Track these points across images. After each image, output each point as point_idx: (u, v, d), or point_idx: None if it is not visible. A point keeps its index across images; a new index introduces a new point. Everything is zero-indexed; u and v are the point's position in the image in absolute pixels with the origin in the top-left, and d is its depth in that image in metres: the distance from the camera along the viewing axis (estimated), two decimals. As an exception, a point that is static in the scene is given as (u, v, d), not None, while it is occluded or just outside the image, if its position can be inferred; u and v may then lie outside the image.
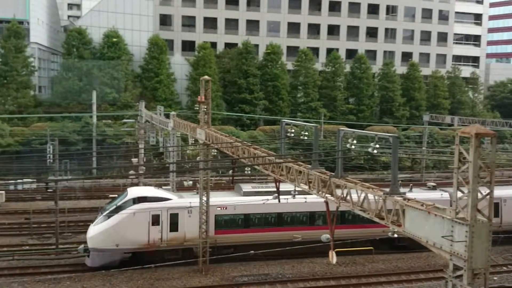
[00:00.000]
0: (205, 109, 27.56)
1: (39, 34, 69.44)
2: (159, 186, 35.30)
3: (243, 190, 30.90)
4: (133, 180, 47.58)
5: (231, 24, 79.90)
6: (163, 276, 27.19)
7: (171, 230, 28.46)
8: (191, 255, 28.60)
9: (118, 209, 28.01)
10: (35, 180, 44.26)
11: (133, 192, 29.61)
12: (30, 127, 54.22)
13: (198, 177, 30.64)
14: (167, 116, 39.22)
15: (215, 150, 29.16)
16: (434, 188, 34.23)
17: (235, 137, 30.71)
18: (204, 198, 27.82)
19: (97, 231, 27.66)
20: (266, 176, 32.56)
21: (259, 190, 30.60)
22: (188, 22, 79.03)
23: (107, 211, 28.23)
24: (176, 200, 29.47)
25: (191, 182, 47.83)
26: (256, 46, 76.08)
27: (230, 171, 47.76)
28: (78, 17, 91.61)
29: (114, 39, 65.28)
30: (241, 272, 28.44)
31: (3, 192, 39.97)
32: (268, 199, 26.70)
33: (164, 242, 28.36)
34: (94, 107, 51.56)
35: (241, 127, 65.79)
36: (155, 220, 28.17)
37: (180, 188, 43.21)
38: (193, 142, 34.25)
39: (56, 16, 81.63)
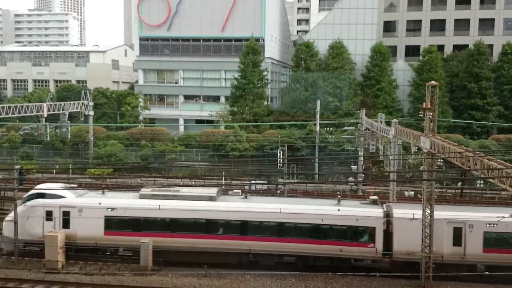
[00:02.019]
0: (430, 116, 26.35)
1: (272, 49, 76.53)
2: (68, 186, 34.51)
3: None
4: (352, 186, 48.35)
5: (461, 25, 74.36)
6: (382, 287, 26.93)
7: (63, 227, 29.58)
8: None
9: (22, 202, 30.25)
10: (266, 181, 48.73)
11: (37, 188, 31.73)
12: (263, 134, 59.94)
13: (420, 188, 29.39)
14: (388, 123, 38.71)
15: (441, 160, 27.57)
16: (374, 202, 29.76)
17: (464, 147, 28.49)
18: (428, 211, 26.55)
19: (5, 221, 30.20)
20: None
21: None
22: (413, 27, 76.63)
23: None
24: (70, 199, 29.92)
25: (412, 193, 46.20)
26: (490, 46, 69.10)
27: (459, 183, 44.38)
28: (306, 32, 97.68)
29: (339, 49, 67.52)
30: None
31: (239, 191, 44.92)
32: None
33: None
34: (318, 116, 54.17)
35: (470, 136, 60.41)
36: (49, 216, 29.54)
37: (401, 198, 42.14)
38: (416, 150, 33.05)
39: (287, 32, 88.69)
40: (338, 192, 39.71)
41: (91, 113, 58.67)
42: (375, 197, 31.01)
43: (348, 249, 28.30)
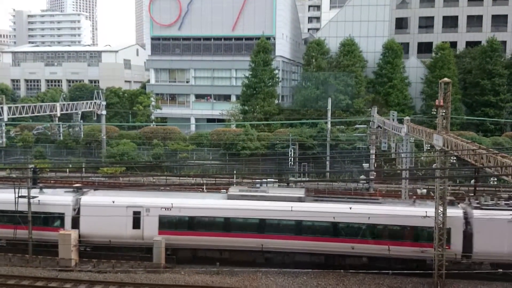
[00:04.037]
0: (443, 114, 26.13)
1: (283, 47, 76.42)
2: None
3: None
4: (364, 184, 48.11)
5: (474, 21, 73.67)
6: (395, 284, 26.83)
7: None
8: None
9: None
10: (277, 180, 48.75)
11: None
12: (274, 132, 59.92)
13: (433, 186, 29.16)
14: (400, 121, 38.47)
15: (454, 158, 27.34)
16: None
17: (478, 144, 28.21)
18: (441, 209, 26.35)
19: None
20: None
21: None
22: (426, 23, 76.08)
23: None
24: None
25: (424, 191, 45.86)
26: (503, 43, 68.35)
27: (472, 181, 43.96)
28: (317, 29, 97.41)
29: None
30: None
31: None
32: None
33: None
34: (329, 114, 53.99)
35: (483, 133, 59.82)
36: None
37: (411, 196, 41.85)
38: (429, 148, 32.79)
39: (297, 30, 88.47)
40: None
41: (104, 112, 59.12)
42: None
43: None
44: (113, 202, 29.49)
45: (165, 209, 29.32)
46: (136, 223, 29.47)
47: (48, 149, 61.25)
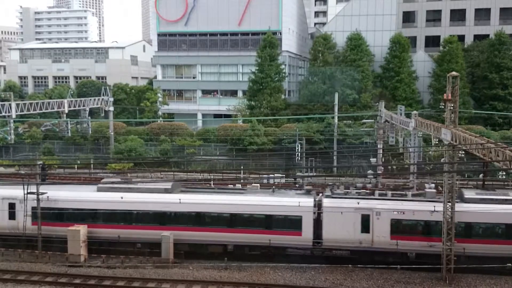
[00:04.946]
0: (451, 108, 25.99)
1: (289, 42, 76.23)
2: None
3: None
4: (371, 179, 47.92)
5: (482, 14, 73.05)
6: (403, 279, 26.80)
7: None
8: None
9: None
10: (284, 175, 48.73)
11: None
12: (281, 128, 59.89)
13: (441, 180, 29.06)
14: (408, 115, 38.29)
15: (462, 152, 27.20)
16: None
17: (486, 138, 28.05)
18: (449, 204, 26.25)
19: None
20: None
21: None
22: (433, 17, 75.53)
23: None
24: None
25: (433, 185, 45.64)
26: (511, 36, 67.68)
27: (480, 175, 43.69)
28: (324, 24, 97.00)
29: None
30: (491, 287, 25.90)
31: (258, 185, 45.14)
32: None
33: None
34: (336, 108, 53.84)
35: (492, 127, 59.41)
36: None
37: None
38: (437, 142, 32.62)
39: (304, 24, 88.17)
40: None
41: (111, 108, 59.31)
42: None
43: None
44: None
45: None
46: (12, 215, 30.59)
47: (56, 146, 61.63)
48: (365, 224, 28.20)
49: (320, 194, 30.25)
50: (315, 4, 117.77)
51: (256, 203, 29.29)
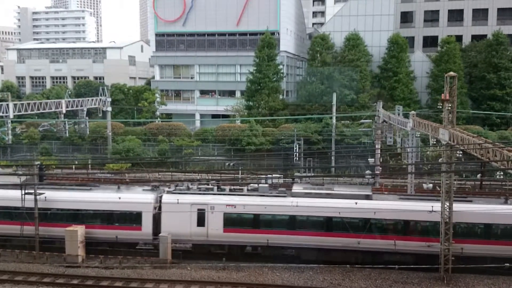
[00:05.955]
0: (449, 108, 26.03)
1: (287, 43, 76.25)
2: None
3: None
4: (369, 180, 48.00)
5: (480, 15, 73.23)
6: (401, 279, 26.81)
7: None
8: None
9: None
10: (282, 175, 48.72)
11: None
12: (279, 128, 59.87)
13: (439, 180, 29.08)
14: (406, 115, 38.36)
15: (460, 152, 27.25)
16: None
17: (484, 138, 28.07)
18: (447, 203, 26.29)
19: None
20: None
21: None
22: (431, 17, 75.71)
23: None
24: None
25: (431, 185, 45.73)
26: (510, 36, 67.96)
27: (478, 175, 43.84)
28: (322, 24, 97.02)
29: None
30: (489, 287, 25.94)
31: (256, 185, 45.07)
32: None
33: None
34: (334, 109, 53.86)
35: (489, 127, 59.55)
36: None
37: (418, 190, 41.80)
38: (434, 142, 32.67)
39: (302, 25, 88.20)
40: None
41: (109, 109, 59.25)
42: None
43: None
44: None
45: None
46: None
47: (54, 146, 61.51)
48: (201, 218, 29.36)
49: (160, 191, 31.26)
50: (313, 4, 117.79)
51: (102, 200, 30.19)
